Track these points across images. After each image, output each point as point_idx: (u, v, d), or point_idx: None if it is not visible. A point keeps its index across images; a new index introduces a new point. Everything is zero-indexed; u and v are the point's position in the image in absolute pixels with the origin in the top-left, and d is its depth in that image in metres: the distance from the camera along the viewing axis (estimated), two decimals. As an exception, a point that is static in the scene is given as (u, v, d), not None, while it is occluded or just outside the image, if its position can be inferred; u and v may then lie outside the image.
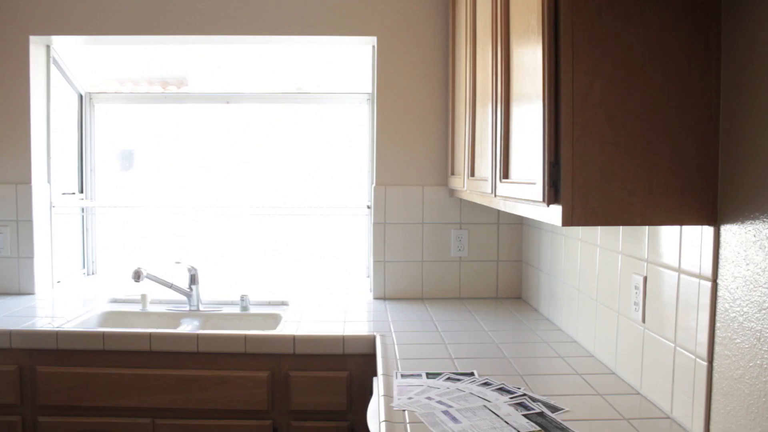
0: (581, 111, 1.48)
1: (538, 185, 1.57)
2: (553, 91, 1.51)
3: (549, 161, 1.51)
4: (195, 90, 3.70)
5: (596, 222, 1.51)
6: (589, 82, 1.47)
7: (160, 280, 3.01)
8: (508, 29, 1.94)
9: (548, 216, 1.58)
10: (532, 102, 1.63)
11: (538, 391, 1.87)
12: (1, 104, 3.17)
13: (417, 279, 3.19)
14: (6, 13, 3.14)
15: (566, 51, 1.48)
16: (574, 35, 1.47)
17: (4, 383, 2.51)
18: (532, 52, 1.63)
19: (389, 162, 3.17)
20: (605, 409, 1.74)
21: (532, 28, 1.63)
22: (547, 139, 1.52)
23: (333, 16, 3.12)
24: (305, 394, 2.44)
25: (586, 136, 1.48)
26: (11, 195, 3.20)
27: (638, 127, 1.48)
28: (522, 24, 1.76)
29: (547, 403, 1.76)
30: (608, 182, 1.49)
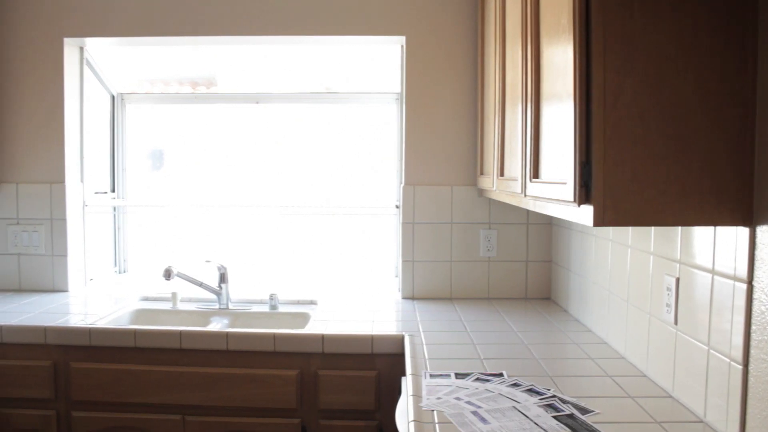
0: (613, 110, 1.46)
1: (569, 185, 1.56)
2: (585, 90, 1.50)
3: (580, 161, 1.50)
4: (224, 90, 3.73)
5: (628, 222, 1.49)
6: (621, 81, 1.46)
7: (190, 278, 3.04)
8: (538, 28, 1.93)
9: (579, 216, 1.56)
10: (563, 101, 1.62)
11: (567, 392, 1.85)
12: (36, 105, 3.23)
13: (445, 279, 3.18)
14: (42, 16, 3.20)
15: (597, 50, 1.46)
16: (606, 34, 1.46)
17: (39, 378, 2.55)
18: (563, 51, 1.62)
19: (418, 162, 3.16)
20: (636, 411, 1.72)
21: (562, 27, 1.62)
22: (578, 138, 1.51)
23: (362, 16, 3.13)
24: (334, 393, 2.45)
25: (618, 136, 1.46)
26: (46, 194, 3.25)
27: (670, 127, 1.46)
28: (552, 23, 1.75)
29: (577, 405, 1.74)
30: (640, 182, 1.47)
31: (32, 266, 3.28)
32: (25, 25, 3.21)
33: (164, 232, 3.76)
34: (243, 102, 3.63)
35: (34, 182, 3.25)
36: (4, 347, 2.58)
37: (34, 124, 3.24)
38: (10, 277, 3.29)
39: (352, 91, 3.58)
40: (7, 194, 3.26)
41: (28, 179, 3.26)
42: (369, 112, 3.58)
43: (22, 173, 3.26)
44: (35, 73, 3.23)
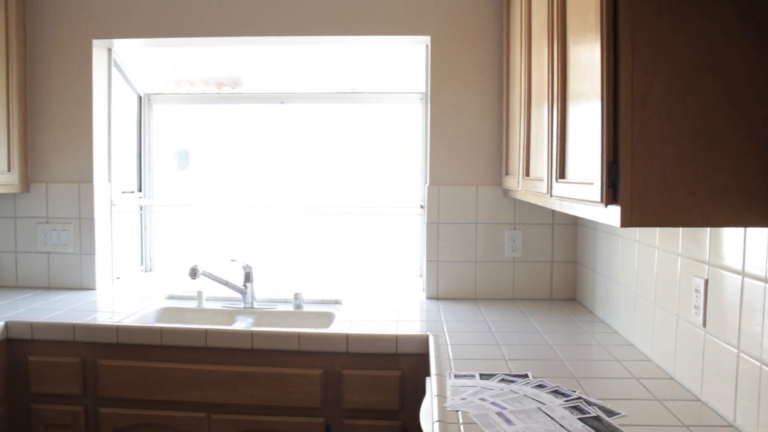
0: (641, 110, 1.45)
1: (595, 185, 1.55)
2: (612, 89, 1.48)
3: (607, 161, 1.49)
4: (249, 90, 3.75)
5: (656, 223, 1.47)
6: (649, 80, 1.44)
7: (215, 277, 3.07)
8: (564, 27, 1.91)
9: (606, 217, 1.55)
10: (590, 101, 1.61)
11: (593, 394, 1.84)
12: (65, 106, 3.28)
13: (470, 279, 3.17)
14: (71, 19, 3.25)
15: (625, 49, 1.45)
16: (634, 33, 1.44)
17: (68, 374, 2.59)
18: (590, 51, 1.60)
19: (443, 162, 3.16)
20: (664, 415, 1.70)
21: (589, 26, 1.61)
22: (605, 138, 1.49)
23: (387, 15, 3.13)
24: (358, 392, 2.45)
25: (646, 136, 1.45)
26: (74, 193, 3.30)
27: (700, 126, 1.44)
28: (579, 22, 1.73)
29: (604, 407, 1.72)
30: (668, 182, 1.45)
31: (61, 264, 3.33)
32: (55, 28, 3.26)
33: (190, 231, 3.80)
34: (268, 102, 3.65)
35: (63, 182, 3.30)
36: (35, 344, 2.62)
37: (63, 125, 3.29)
38: (39, 275, 3.34)
39: (377, 91, 3.59)
40: (37, 193, 3.32)
41: (57, 179, 3.31)
42: (393, 112, 3.58)
43: (51, 173, 3.31)
44: (64, 74, 3.27)
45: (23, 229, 3.34)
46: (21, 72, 3.19)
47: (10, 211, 3.34)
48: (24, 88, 3.22)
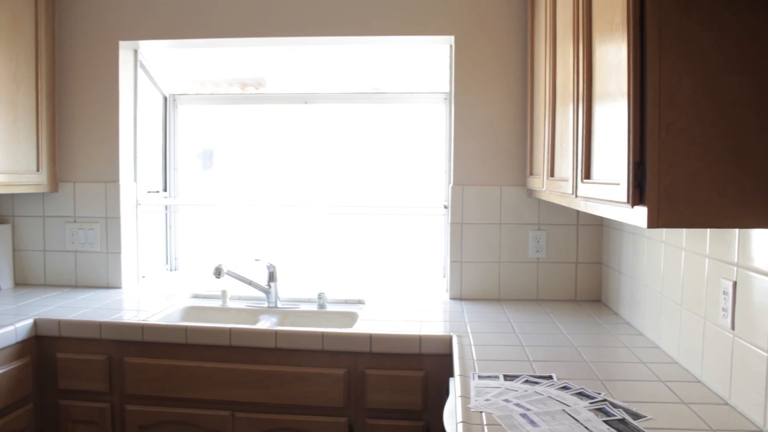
0: (668, 110, 1.43)
1: (622, 186, 1.53)
2: (639, 89, 1.47)
3: (634, 161, 1.48)
4: (272, 90, 3.77)
5: (684, 224, 1.46)
6: (677, 79, 1.43)
7: (240, 276, 3.09)
8: (590, 27, 1.90)
9: (632, 218, 1.54)
10: (616, 101, 1.59)
11: (619, 396, 1.82)
12: (93, 107, 3.32)
13: (494, 280, 3.16)
14: (98, 21, 3.29)
15: (652, 48, 1.44)
16: (661, 32, 1.43)
17: (95, 372, 2.63)
18: (616, 50, 1.59)
19: (467, 162, 3.15)
20: (691, 418, 1.68)
21: (616, 26, 1.60)
22: (632, 138, 1.48)
23: (411, 15, 3.13)
24: (381, 392, 2.45)
25: (674, 136, 1.43)
26: (101, 193, 3.34)
27: (729, 126, 1.43)
28: (605, 21, 1.72)
29: (629, 410, 1.71)
30: (696, 183, 1.44)
31: (88, 263, 3.37)
32: (82, 30, 3.31)
33: (214, 230, 3.83)
34: (291, 102, 3.66)
35: (91, 181, 3.34)
36: (63, 341, 2.66)
37: (90, 126, 3.33)
38: (67, 274, 3.39)
39: (400, 91, 3.58)
40: (65, 193, 3.36)
41: (84, 178, 3.35)
42: (418, 112, 3.58)
43: (79, 173, 3.36)
44: (91, 75, 3.32)
45: (51, 228, 3.39)
46: (50, 74, 3.23)
47: (39, 211, 3.39)
48: (52, 90, 3.27)
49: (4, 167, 2.93)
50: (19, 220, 3.41)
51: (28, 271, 3.42)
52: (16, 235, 3.41)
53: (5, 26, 2.91)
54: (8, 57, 2.94)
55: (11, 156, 2.98)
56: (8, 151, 2.96)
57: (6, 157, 2.94)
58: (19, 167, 3.04)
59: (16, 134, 3.01)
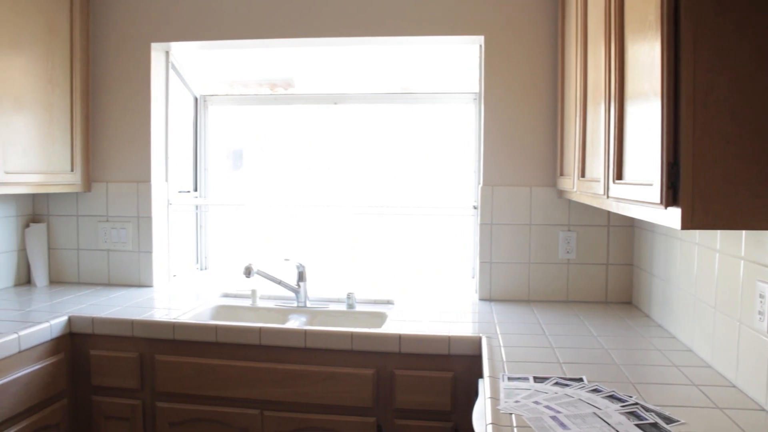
0: (703, 109, 1.41)
1: (655, 187, 1.51)
2: (673, 88, 1.45)
3: (667, 161, 1.45)
4: (301, 91, 3.79)
5: (718, 226, 1.44)
6: (713, 78, 1.40)
7: (269, 276, 3.10)
8: (622, 25, 1.88)
9: (665, 219, 1.52)
10: (649, 100, 1.57)
11: (651, 400, 1.80)
12: (125, 108, 3.37)
13: (523, 281, 3.14)
14: (131, 23, 3.34)
15: (687, 46, 1.42)
16: (696, 30, 1.41)
17: (126, 369, 2.66)
18: (649, 49, 1.57)
19: (496, 162, 3.13)
20: (726, 424, 1.65)
21: (649, 24, 1.58)
22: (665, 138, 1.46)
23: (440, 15, 3.12)
24: (410, 393, 2.45)
25: (708, 136, 1.41)
26: (133, 193, 3.39)
27: (765, 125, 1.40)
28: (638, 20, 1.70)
29: (662, 414, 1.68)
30: (732, 183, 1.41)
31: (120, 262, 3.42)
32: (116, 32, 3.36)
33: (244, 230, 3.85)
34: (321, 103, 3.68)
35: (123, 181, 3.39)
36: (96, 338, 2.70)
37: (122, 126, 3.38)
38: (100, 272, 3.44)
39: (430, 92, 3.58)
40: (98, 193, 3.41)
41: (117, 178, 3.40)
42: (447, 112, 3.57)
43: (111, 173, 3.41)
44: (124, 77, 3.36)
45: (85, 228, 3.44)
46: (84, 76, 3.29)
47: (73, 210, 3.44)
48: (87, 91, 3.32)
49: (40, 167, 2.99)
50: (54, 219, 3.47)
51: (63, 269, 3.48)
52: (51, 234, 3.47)
53: (42, 30, 2.97)
54: (45, 60, 2.99)
55: (47, 156, 3.04)
56: (44, 152, 3.01)
57: (42, 157, 3.00)
58: (54, 167, 3.10)
59: (51, 135, 3.06)
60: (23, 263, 3.40)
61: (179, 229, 3.67)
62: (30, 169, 2.92)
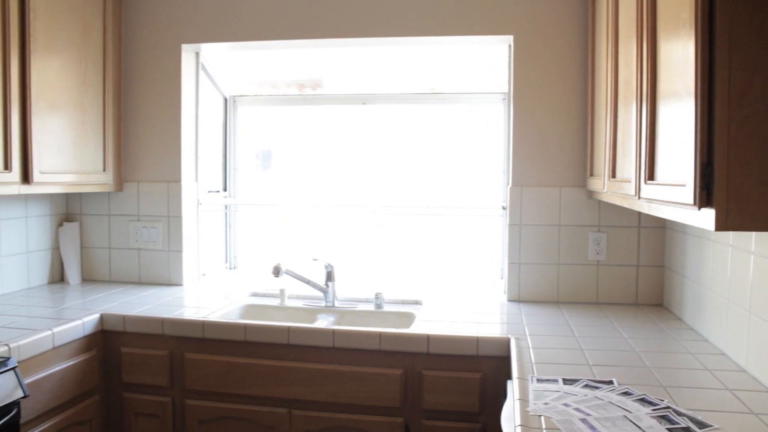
0: (738, 108, 1.39)
1: (688, 187, 1.49)
2: (707, 87, 1.43)
3: (701, 162, 1.43)
4: (329, 91, 3.80)
5: (754, 227, 1.41)
6: (749, 77, 1.38)
7: (298, 276, 3.12)
8: (654, 24, 1.86)
9: (699, 220, 1.49)
10: (682, 99, 1.55)
11: (682, 404, 1.77)
12: (156, 109, 3.41)
13: (552, 282, 3.11)
14: (162, 25, 3.38)
15: (722, 45, 1.39)
16: (732, 28, 1.38)
17: (156, 366, 2.69)
18: (683, 47, 1.55)
19: (526, 163, 3.11)
20: (762, 430, 1.62)
21: (682, 22, 1.55)
22: (699, 138, 1.44)
23: (469, 15, 3.11)
24: (438, 393, 2.45)
25: (744, 135, 1.39)
26: (163, 192, 3.42)
27: (803, 125, 1.37)
28: (671, 18, 1.68)
29: (694, 419, 1.66)
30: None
31: (151, 261, 3.46)
32: (147, 34, 3.40)
33: (272, 230, 3.88)
34: (350, 103, 3.69)
35: (154, 181, 3.43)
36: (127, 336, 2.73)
37: (153, 127, 3.42)
38: (131, 271, 3.49)
39: (458, 92, 3.57)
40: (129, 192, 3.46)
41: (147, 178, 3.44)
42: (474, 113, 3.56)
43: (142, 173, 3.45)
44: (155, 78, 3.40)
45: (116, 227, 3.49)
46: (116, 77, 3.33)
47: (105, 209, 3.49)
48: (119, 93, 3.37)
49: (73, 168, 3.03)
50: (87, 219, 3.53)
51: (95, 268, 3.53)
52: (83, 233, 3.53)
53: (76, 33, 3.01)
54: (78, 62, 3.04)
55: (80, 157, 3.08)
56: (77, 152, 3.06)
57: (75, 157, 3.05)
58: (87, 167, 3.14)
59: (84, 136, 3.11)
60: (57, 261, 3.46)
61: (209, 228, 3.71)
62: (64, 169, 2.97)
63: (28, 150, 2.72)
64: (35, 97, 2.75)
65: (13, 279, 3.18)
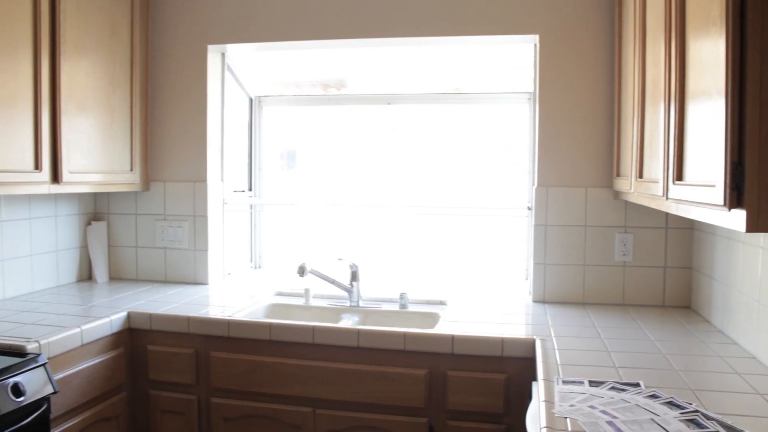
0: (770, 107, 1.36)
1: (717, 188, 1.47)
2: (738, 86, 1.41)
3: (731, 162, 1.41)
4: (353, 91, 3.81)
5: (786, 228, 1.39)
6: (780, 75, 1.36)
7: (323, 275, 3.13)
8: (683, 22, 1.83)
9: (729, 221, 1.47)
10: (712, 98, 1.53)
11: (711, 408, 1.74)
12: (182, 109, 3.44)
13: (578, 283, 3.09)
14: (188, 26, 3.40)
15: (753, 43, 1.37)
16: (764, 25, 1.36)
17: (182, 365, 2.72)
18: (713, 45, 1.53)
19: (551, 163, 3.09)
20: (791, 432, 1.60)
21: (712, 20, 1.53)
22: (729, 138, 1.42)
23: (494, 15, 3.09)
24: (462, 394, 2.44)
25: (776, 135, 1.36)
26: (189, 192, 3.45)
27: (837, 125, 1.35)
28: (700, 15, 1.66)
29: (724, 423, 1.63)
30: (801, 185, 1.36)
31: (176, 260, 3.49)
32: (172, 34, 3.43)
33: (297, 229, 3.89)
34: (374, 103, 3.69)
35: (180, 181, 3.46)
36: (153, 334, 2.76)
37: (180, 127, 3.45)
38: (157, 269, 3.52)
39: (483, 91, 3.55)
40: (155, 192, 3.49)
41: (174, 178, 3.47)
42: (499, 112, 3.54)
43: (169, 172, 3.48)
44: (181, 79, 3.43)
45: (143, 226, 3.53)
46: (143, 78, 3.37)
47: (132, 209, 3.53)
48: (146, 93, 3.40)
49: (101, 167, 3.07)
50: (114, 218, 3.57)
51: (122, 266, 3.57)
52: (111, 232, 3.57)
53: (105, 34, 3.05)
54: (106, 63, 3.08)
55: (108, 156, 3.12)
56: (105, 152, 3.10)
57: (103, 157, 3.09)
58: (114, 167, 3.18)
59: (112, 136, 3.15)
60: (85, 260, 3.51)
61: (234, 228, 3.73)
62: (92, 168, 3.01)
63: (57, 150, 2.76)
64: (65, 98, 2.79)
65: (44, 277, 3.23)
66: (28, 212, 3.12)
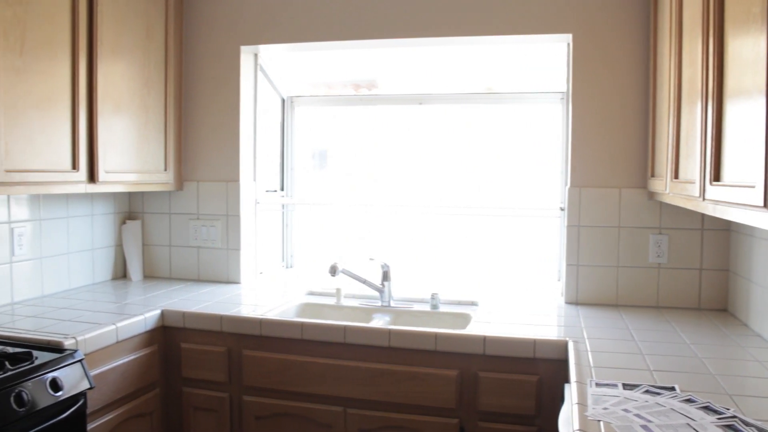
0: (812, 107, 1.33)
1: (757, 189, 1.44)
2: (778, 85, 1.38)
3: (772, 162, 1.38)
4: (384, 91, 3.81)
5: (828, 230, 1.35)
6: (823, 74, 1.33)
7: (354, 275, 3.13)
8: (721, 20, 1.80)
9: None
10: (752, 98, 1.50)
11: (750, 414, 1.71)
12: (215, 109, 3.47)
13: (611, 285, 3.05)
14: (222, 27, 3.44)
15: (795, 41, 1.34)
16: (806, 23, 1.33)
17: (215, 363, 2.74)
18: (753, 43, 1.50)
19: (584, 163, 3.06)
20: (833, 439, 1.56)
21: (753, 17, 1.50)
22: (770, 138, 1.39)
23: (527, 14, 3.07)
24: (493, 395, 2.43)
25: (818, 135, 1.33)
26: (222, 192, 3.49)
27: None
28: (740, 13, 1.63)
29: (763, 429, 1.60)
30: (843, 186, 1.33)
31: (209, 259, 3.53)
32: (207, 36, 3.46)
33: (328, 229, 3.91)
34: (406, 103, 3.68)
35: (213, 181, 3.50)
36: (186, 332, 2.79)
37: (213, 127, 3.48)
38: (190, 268, 3.56)
39: (515, 91, 3.53)
40: (189, 191, 3.53)
41: (207, 178, 3.51)
42: (532, 112, 3.51)
43: (202, 172, 3.52)
44: (214, 79, 3.47)
45: (176, 225, 3.57)
46: (177, 79, 3.41)
47: (166, 208, 3.58)
48: (179, 94, 3.44)
49: (136, 167, 3.12)
50: (148, 217, 3.62)
51: (156, 265, 3.62)
52: (145, 231, 3.62)
53: (140, 36, 3.09)
54: (142, 64, 3.12)
55: (142, 156, 3.17)
56: (140, 152, 3.14)
57: (138, 157, 3.13)
58: (149, 167, 3.23)
59: (147, 136, 3.19)
60: (120, 258, 3.56)
61: (266, 227, 3.76)
62: (127, 168, 3.05)
63: (94, 150, 2.81)
64: (101, 99, 2.83)
65: (80, 274, 3.29)
66: (66, 211, 3.18)
